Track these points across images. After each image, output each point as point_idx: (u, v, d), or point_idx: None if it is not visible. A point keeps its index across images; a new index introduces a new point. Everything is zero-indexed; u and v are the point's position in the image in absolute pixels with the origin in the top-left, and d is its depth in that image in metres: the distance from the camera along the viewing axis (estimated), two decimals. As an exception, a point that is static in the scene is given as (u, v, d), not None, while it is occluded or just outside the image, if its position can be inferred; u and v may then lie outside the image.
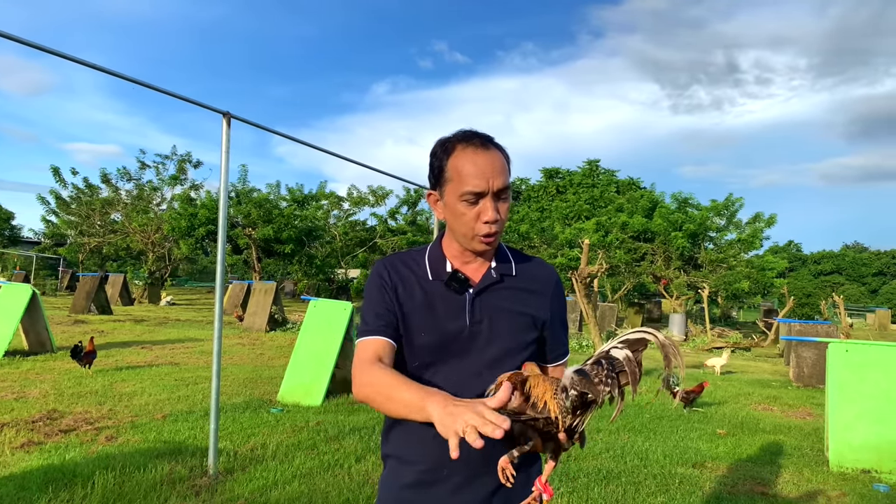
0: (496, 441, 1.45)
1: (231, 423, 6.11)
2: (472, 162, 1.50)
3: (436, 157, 1.58)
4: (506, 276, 1.60)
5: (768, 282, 22.22)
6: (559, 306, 1.68)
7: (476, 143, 1.53)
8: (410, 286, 1.60)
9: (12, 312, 9.68)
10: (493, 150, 1.54)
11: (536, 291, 1.63)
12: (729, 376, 11.81)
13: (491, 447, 1.48)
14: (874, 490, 5.07)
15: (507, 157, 1.58)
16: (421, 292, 1.59)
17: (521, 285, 1.61)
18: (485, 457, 1.49)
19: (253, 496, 4.24)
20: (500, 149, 1.57)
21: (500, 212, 1.52)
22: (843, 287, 51.08)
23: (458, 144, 1.54)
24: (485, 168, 1.50)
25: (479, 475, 1.52)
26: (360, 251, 28.58)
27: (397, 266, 1.63)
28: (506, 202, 1.55)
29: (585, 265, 10.62)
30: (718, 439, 6.64)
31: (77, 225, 28.82)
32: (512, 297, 1.59)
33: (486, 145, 1.54)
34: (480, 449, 1.18)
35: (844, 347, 6.14)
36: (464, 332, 1.55)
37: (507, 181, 1.53)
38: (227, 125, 4.70)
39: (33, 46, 3.57)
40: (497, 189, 1.50)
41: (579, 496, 4.58)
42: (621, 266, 23.71)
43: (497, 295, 1.58)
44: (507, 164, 1.57)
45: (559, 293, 1.68)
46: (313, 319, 7.99)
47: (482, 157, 1.51)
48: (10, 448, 5.03)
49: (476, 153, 1.51)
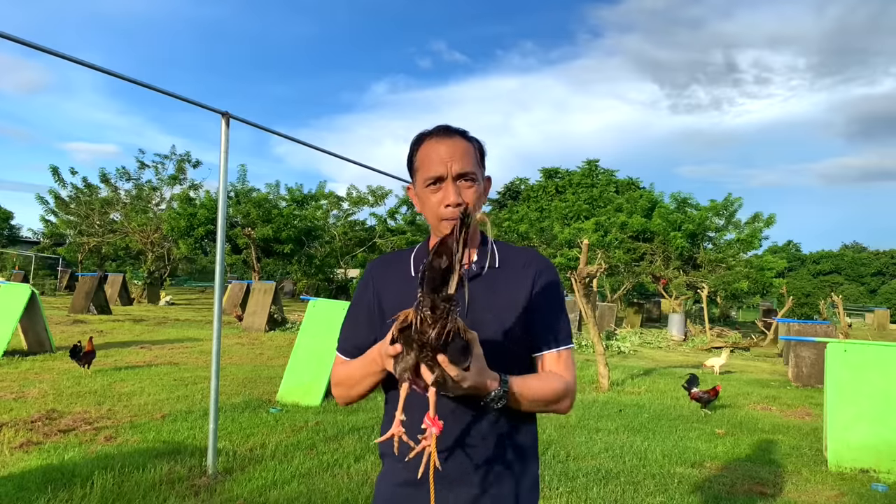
0: (485, 439, 1.51)
1: (230, 422, 6.11)
2: (435, 150, 1.56)
3: (410, 151, 1.64)
4: (488, 269, 1.58)
5: (767, 282, 22.21)
6: (545, 291, 1.60)
7: (441, 133, 1.59)
8: (394, 284, 1.63)
9: (11, 312, 9.67)
10: (457, 138, 1.58)
11: (519, 279, 1.58)
12: (728, 376, 11.82)
13: (481, 446, 1.51)
14: (872, 490, 5.08)
15: (476, 146, 1.61)
16: (402, 290, 1.59)
17: (503, 275, 1.58)
18: (473, 456, 1.51)
19: (252, 496, 4.24)
20: (468, 138, 1.61)
21: (465, 196, 1.54)
22: (841, 287, 51.15)
23: (425, 137, 1.61)
24: (443, 154, 1.54)
25: (468, 473, 1.51)
26: (359, 251, 28.56)
27: (385, 264, 1.70)
28: (471, 187, 1.56)
29: (584, 265, 10.62)
30: (717, 439, 6.65)
31: (76, 225, 28.80)
32: (493, 289, 1.56)
33: (451, 134, 1.59)
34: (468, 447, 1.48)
35: (843, 347, 6.15)
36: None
37: (468, 166, 1.55)
38: (226, 125, 4.71)
39: (32, 46, 3.57)
40: (457, 173, 1.54)
41: (578, 496, 4.59)
42: (620, 266, 23.73)
43: (476, 287, 1.55)
44: (477, 152, 1.60)
45: (546, 277, 1.60)
46: (313, 319, 7.99)
47: (444, 144, 1.56)
48: (9, 448, 5.03)
49: (439, 141, 1.57)
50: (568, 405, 1.58)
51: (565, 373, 1.58)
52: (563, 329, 1.60)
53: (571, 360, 1.61)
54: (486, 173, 1.65)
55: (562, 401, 1.56)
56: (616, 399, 8.72)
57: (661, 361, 14.07)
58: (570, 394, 1.57)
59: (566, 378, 1.57)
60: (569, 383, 1.57)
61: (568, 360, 1.59)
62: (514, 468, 1.55)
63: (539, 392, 1.51)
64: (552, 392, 1.53)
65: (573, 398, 1.59)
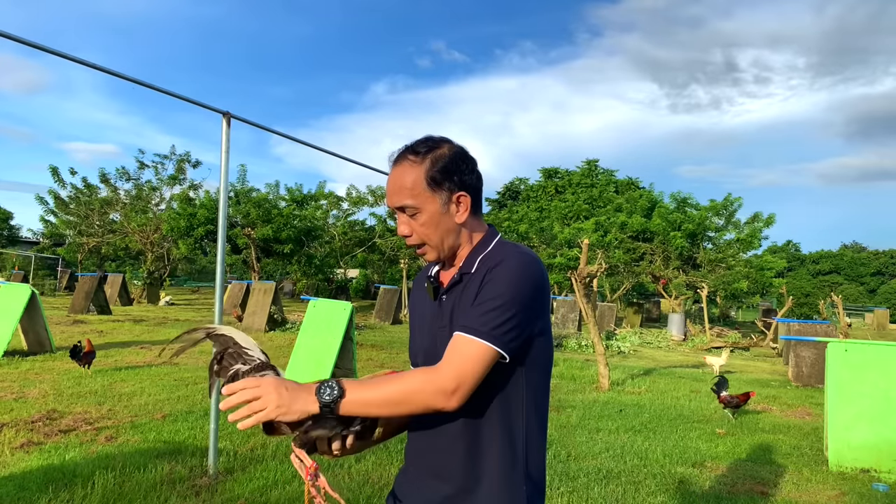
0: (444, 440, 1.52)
1: (230, 423, 6.10)
2: (388, 180, 1.59)
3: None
4: (465, 275, 1.56)
5: (767, 281, 22.22)
6: (485, 285, 1.48)
7: (393, 161, 1.59)
8: (418, 292, 1.75)
9: (11, 312, 9.67)
10: (403, 165, 1.55)
11: (479, 281, 1.51)
12: (728, 376, 11.80)
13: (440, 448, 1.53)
14: (873, 490, 5.08)
15: (429, 166, 1.53)
16: (419, 298, 1.73)
17: (473, 280, 1.53)
18: (430, 460, 1.55)
19: (253, 496, 4.24)
20: (418, 159, 1.53)
21: (412, 226, 1.55)
22: (841, 287, 51.18)
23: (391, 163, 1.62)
24: (388, 187, 1.58)
25: (431, 474, 1.56)
26: (359, 251, 28.54)
27: (422, 271, 1.77)
28: (418, 219, 1.54)
29: (584, 265, 10.62)
30: (718, 439, 6.65)
31: (76, 225, 28.75)
32: (462, 295, 1.54)
33: (398, 161, 1.57)
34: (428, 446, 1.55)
35: (843, 347, 6.15)
36: (434, 336, 1.60)
37: (403, 199, 1.53)
38: (227, 125, 4.70)
39: (32, 46, 3.56)
40: (394, 207, 1.56)
41: (579, 496, 4.59)
42: (620, 266, 23.72)
43: (456, 295, 1.55)
44: (428, 174, 1.52)
45: (492, 273, 1.48)
46: (313, 319, 7.99)
47: (391, 174, 1.58)
48: (10, 448, 5.02)
49: (391, 171, 1.58)
50: (437, 401, 1.40)
51: (446, 361, 1.42)
52: (478, 319, 1.43)
53: (468, 352, 1.41)
54: (454, 188, 1.54)
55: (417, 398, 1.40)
56: (616, 399, 8.72)
57: (661, 361, 14.06)
58: (437, 389, 1.39)
59: (437, 369, 1.42)
60: (434, 377, 1.41)
61: (460, 349, 1.42)
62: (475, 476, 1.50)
63: (380, 395, 1.40)
64: (398, 392, 1.40)
65: (446, 392, 1.39)
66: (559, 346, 15.30)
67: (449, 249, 1.59)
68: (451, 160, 1.55)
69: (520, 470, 1.50)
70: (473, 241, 1.60)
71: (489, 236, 1.61)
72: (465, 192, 1.56)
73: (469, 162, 1.59)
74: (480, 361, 1.41)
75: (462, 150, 1.59)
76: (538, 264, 1.52)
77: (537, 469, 1.55)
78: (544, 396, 1.59)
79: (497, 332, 1.42)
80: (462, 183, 1.56)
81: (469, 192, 1.57)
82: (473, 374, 1.41)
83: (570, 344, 15.26)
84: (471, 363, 1.40)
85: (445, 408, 1.40)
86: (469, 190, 1.57)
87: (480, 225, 1.63)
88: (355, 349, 8.78)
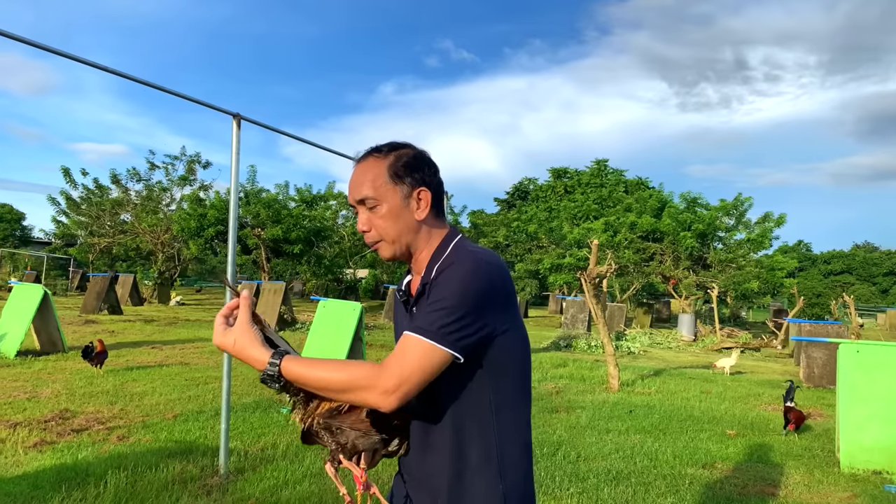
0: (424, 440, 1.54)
1: (241, 422, 6.14)
2: (351, 177, 1.60)
3: None
4: (426, 284, 1.51)
5: (778, 282, 22.07)
6: (433, 288, 1.45)
7: (358, 159, 1.61)
8: (397, 305, 1.73)
9: (24, 312, 9.76)
10: (364, 162, 1.57)
11: (432, 286, 1.47)
12: (738, 377, 11.76)
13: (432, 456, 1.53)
14: (885, 491, 5.04)
15: (391, 161, 1.54)
16: (398, 312, 1.73)
17: (432, 287, 1.47)
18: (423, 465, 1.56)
19: (264, 496, 4.26)
20: (381, 156, 1.56)
21: (371, 222, 1.55)
22: (853, 287, 50.75)
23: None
24: (350, 184, 1.58)
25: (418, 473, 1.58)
26: (368, 251, 28.57)
27: (398, 284, 1.74)
28: (378, 211, 1.53)
29: (594, 265, 10.59)
30: (728, 440, 6.62)
31: (87, 225, 28.96)
32: (423, 303, 1.49)
33: (362, 159, 1.59)
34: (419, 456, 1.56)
35: (855, 348, 6.11)
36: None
37: (364, 191, 1.53)
38: (237, 126, 4.73)
39: (43, 48, 3.60)
40: (355, 200, 1.56)
41: (589, 496, 4.58)
42: (630, 266, 23.64)
43: (422, 305, 1.49)
44: (391, 168, 1.54)
45: (443, 275, 1.45)
46: (323, 319, 8.03)
47: (354, 172, 1.59)
48: (23, 447, 5.08)
49: (354, 169, 1.60)
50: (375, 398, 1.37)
51: (391, 359, 1.40)
52: (425, 319, 1.41)
53: (414, 352, 1.37)
54: (416, 183, 1.54)
55: (356, 392, 1.38)
56: (626, 400, 8.70)
57: (671, 362, 14.01)
58: (377, 386, 1.36)
59: (382, 366, 1.39)
60: (377, 373, 1.37)
61: (406, 348, 1.39)
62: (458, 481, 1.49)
63: (319, 378, 1.40)
64: (339, 380, 1.38)
65: (386, 390, 1.36)
66: (569, 346, 15.27)
67: (406, 247, 1.56)
68: (413, 158, 1.57)
69: (491, 474, 1.48)
70: (432, 244, 1.56)
71: (448, 238, 1.57)
72: (427, 188, 1.56)
73: (431, 165, 1.60)
74: (426, 361, 1.37)
75: (425, 154, 1.61)
76: (493, 265, 1.46)
77: (515, 472, 1.51)
78: (519, 397, 1.53)
79: (444, 332, 1.38)
80: (423, 180, 1.56)
81: (430, 190, 1.56)
82: (419, 374, 1.37)
83: (579, 344, 15.22)
84: (416, 362, 1.37)
85: (382, 406, 1.37)
86: (430, 188, 1.56)
87: (441, 225, 1.59)
88: (365, 349, 8.81)
